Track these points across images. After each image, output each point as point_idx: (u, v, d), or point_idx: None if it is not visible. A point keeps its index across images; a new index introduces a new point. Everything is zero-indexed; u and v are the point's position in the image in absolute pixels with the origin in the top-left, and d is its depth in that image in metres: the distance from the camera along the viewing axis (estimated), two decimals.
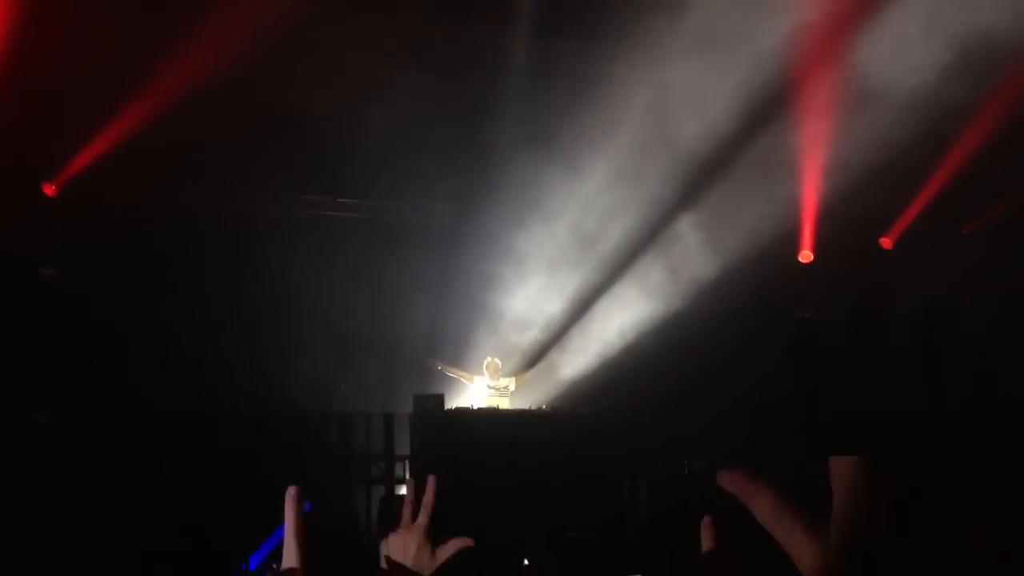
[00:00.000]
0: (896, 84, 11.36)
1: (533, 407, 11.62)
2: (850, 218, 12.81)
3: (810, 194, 12.84)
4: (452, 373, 11.83)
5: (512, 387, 11.92)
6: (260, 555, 9.45)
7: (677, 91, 12.02)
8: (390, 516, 8.31)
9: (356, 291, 12.27)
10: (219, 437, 10.88)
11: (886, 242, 13.50)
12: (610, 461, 11.07)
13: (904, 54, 11.11)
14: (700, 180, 12.60)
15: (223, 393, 11.29)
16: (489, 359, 11.94)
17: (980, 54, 10.78)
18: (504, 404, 11.73)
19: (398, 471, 11.58)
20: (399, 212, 13.22)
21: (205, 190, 12.37)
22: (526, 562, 8.50)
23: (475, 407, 11.43)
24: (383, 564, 2.39)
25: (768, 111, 12.24)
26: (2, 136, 10.98)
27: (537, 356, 12.55)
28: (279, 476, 10.65)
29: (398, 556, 2.35)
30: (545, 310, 12.66)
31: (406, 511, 2.38)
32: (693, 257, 12.72)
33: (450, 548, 2.34)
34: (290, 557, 2.05)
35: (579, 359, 12.56)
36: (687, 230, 12.79)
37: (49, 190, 11.82)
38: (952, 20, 10.93)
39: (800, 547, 1.62)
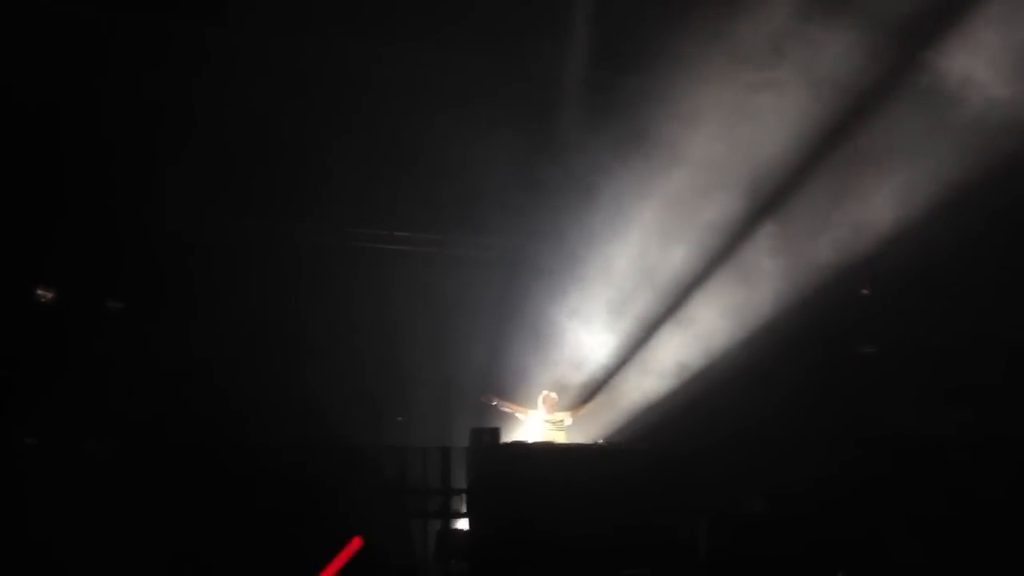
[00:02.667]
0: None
1: (590, 442, 11.49)
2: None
3: (870, 231, 12.66)
4: (508, 408, 11.75)
5: (569, 421, 11.81)
6: None
7: (739, 120, 11.97)
8: (447, 550, 8.22)
9: (413, 324, 12.29)
10: (275, 470, 10.87)
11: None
12: (669, 498, 10.89)
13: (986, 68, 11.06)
14: (762, 211, 12.48)
15: (279, 426, 11.32)
16: (545, 393, 11.86)
17: None
18: (561, 438, 11.62)
19: (455, 505, 11.48)
20: (457, 245, 13.22)
21: (265, 221, 12.44)
22: None
23: (531, 441, 11.32)
24: None
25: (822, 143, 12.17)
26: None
27: (594, 390, 12.43)
28: (335, 510, 10.65)
29: None
30: (603, 343, 12.55)
31: None
32: (756, 289, 12.56)
33: None
34: None
35: (637, 394, 12.41)
36: (749, 261, 12.64)
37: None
38: None
39: None
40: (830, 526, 11.32)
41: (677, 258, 12.75)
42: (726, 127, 12.28)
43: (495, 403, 11.74)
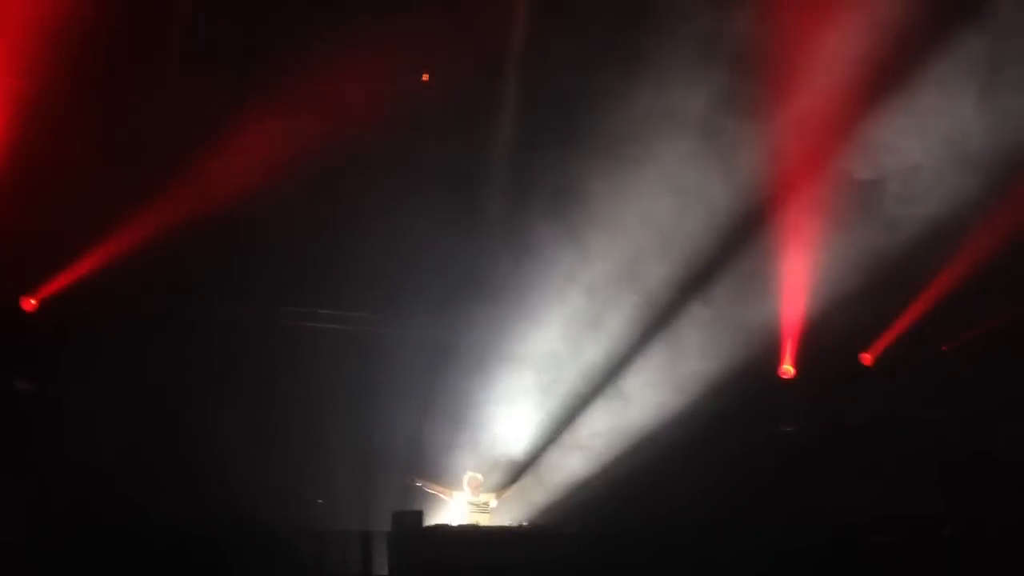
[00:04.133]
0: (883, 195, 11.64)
1: (515, 524, 11.35)
2: (832, 334, 12.85)
3: (791, 311, 12.88)
4: (432, 489, 11.57)
5: (494, 503, 11.67)
6: None
7: (661, 206, 12.16)
8: None
9: (335, 403, 12.11)
10: (187, 554, 10.55)
11: (866, 358, 13.50)
12: None
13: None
14: (686, 294, 12.63)
15: (191, 508, 11.01)
16: (470, 474, 11.72)
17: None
18: (485, 521, 11.46)
19: None
20: (381, 324, 13.11)
21: (184, 302, 12.25)
22: None
23: (455, 524, 11.15)
24: None
25: (750, 228, 12.40)
26: None
27: (518, 472, 12.32)
28: None
29: None
30: (529, 424, 12.49)
31: None
32: (677, 371, 12.64)
33: None
34: None
35: (563, 475, 12.34)
36: (670, 345, 12.74)
37: (28, 305, 11.67)
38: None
39: None
40: None
41: (604, 338, 12.81)
42: (650, 209, 12.47)
43: (419, 484, 11.58)
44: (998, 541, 11.54)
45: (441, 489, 11.62)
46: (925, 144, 11.87)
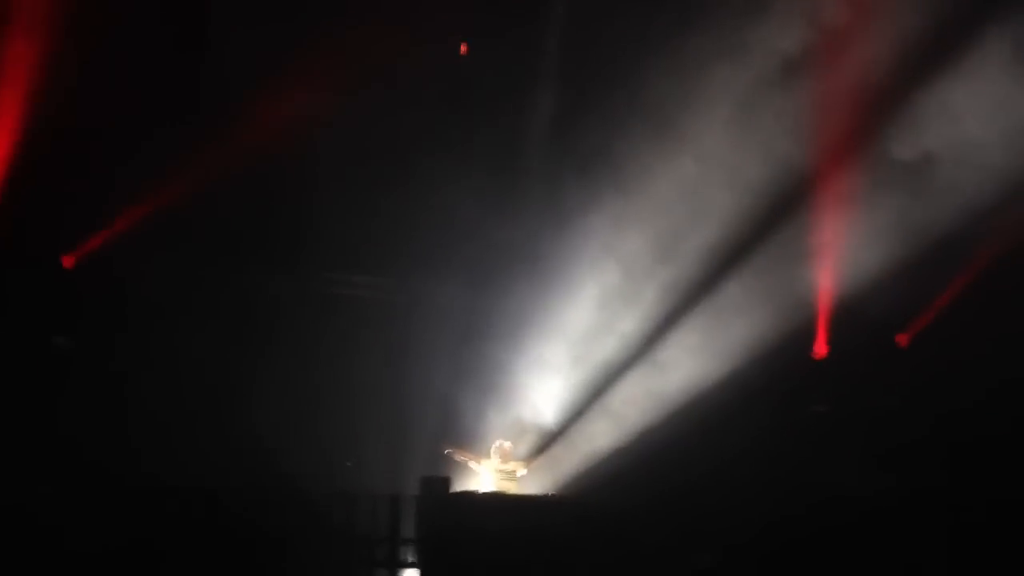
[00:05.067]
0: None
1: (541, 493, 11.44)
2: (868, 315, 12.78)
3: (826, 289, 12.83)
4: (461, 456, 11.69)
5: (522, 472, 11.76)
6: None
7: (699, 180, 12.15)
8: None
9: (367, 370, 12.26)
10: (224, 515, 10.75)
11: (902, 339, 13.43)
12: (618, 551, 10.85)
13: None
14: (721, 269, 12.61)
15: (228, 471, 11.20)
16: (499, 442, 11.82)
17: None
18: (512, 489, 11.56)
19: (403, 554, 11.35)
20: (415, 292, 13.22)
21: (219, 266, 12.40)
22: None
23: (481, 491, 11.26)
24: None
25: (788, 204, 12.35)
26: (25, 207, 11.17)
27: (548, 441, 12.41)
28: (281, 557, 10.53)
29: None
30: (558, 395, 12.56)
31: None
32: (710, 346, 12.64)
33: None
34: None
35: (590, 446, 12.40)
36: (705, 319, 12.74)
37: (67, 262, 11.89)
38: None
39: None
40: None
41: (636, 311, 12.83)
42: (685, 188, 12.47)
43: (449, 451, 11.70)
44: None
45: (471, 456, 11.73)
46: (969, 120, 11.75)
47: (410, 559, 11.10)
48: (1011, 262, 12.47)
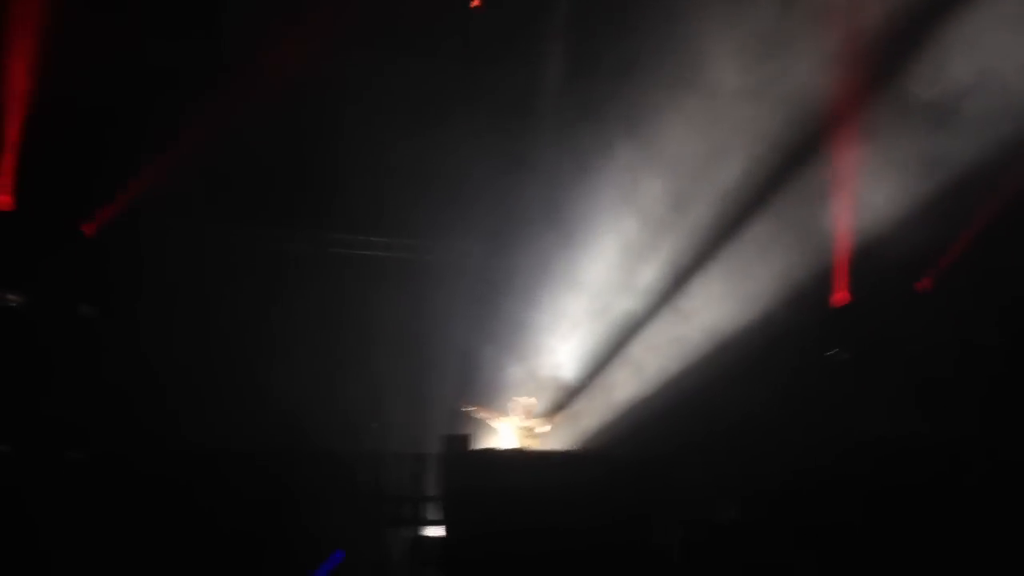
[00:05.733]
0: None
1: (564, 448, 11.50)
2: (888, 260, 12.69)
3: (845, 235, 12.74)
4: (483, 414, 11.74)
5: (544, 427, 11.81)
6: None
7: (713, 128, 12.03)
8: (421, 557, 8.22)
9: (388, 330, 12.31)
10: (250, 475, 10.91)
11: (923, 284, 13.33)
12: (642, 504, 10.89)
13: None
14: (739, 220, 12.54)
15: (253, 432, 11.34)
16: (521, 398, 11.85)
17: None
18: (535, 445, 11.61)
19: (428, 512, 11.49)
20: (432, 251, 13.23)
21: (240, 226, 12.45)
22: None
23: (503, 448, 11.33)
24: None
25: (805, 154, 12.23)
26: (42, 176, 11.23)
27: (570, 397, 12.44)
28: (310, 516, 10.68)
29: None
30: (579, 350, 12.58)
31: None
32: (727, 300, 12.60)
33: None
34: None
35: (613, 400, 12.43)
36: (721, 273, 12.69)
37: (88, 230, 11.97)
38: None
39: None
40: (805, 531, 11.38)
41: (653, 264, 12.80)
42: (701, 134, 12.35)
43: (469, 410, 11.75)
44: None
45: (492, 414, 11.79)
46: (987, 63, 11.55)
47: (433, 516, 11.23)
48: None
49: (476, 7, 13.05)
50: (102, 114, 11.55)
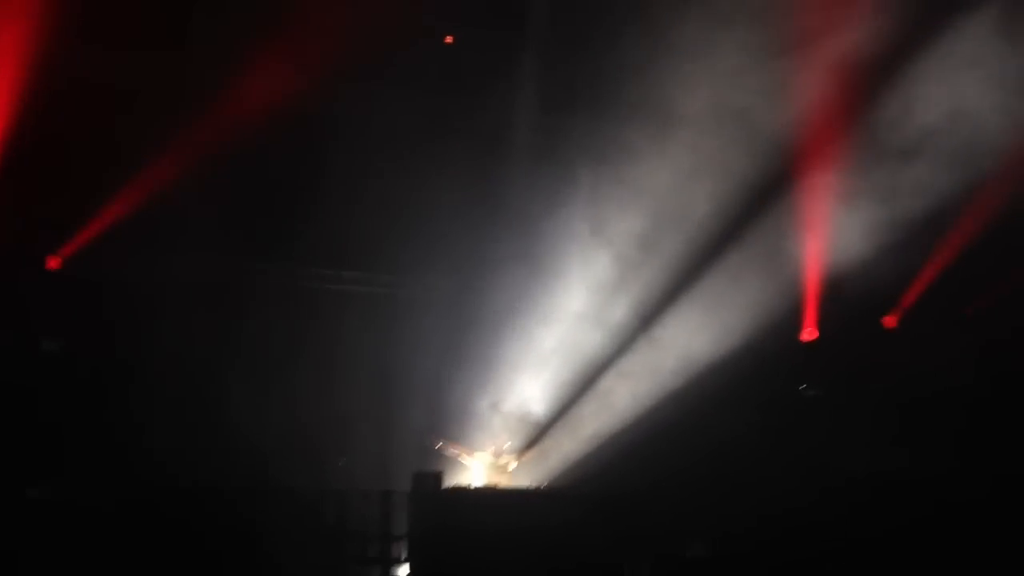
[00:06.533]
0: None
1: (533, 486, 11.44)
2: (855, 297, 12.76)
3: (813, 274, 12.80)
4: (452, 451, 11.67)
5: (513, 465, 11.75)
6: None
7: (686, 167, 12.09)
8: None
9: (358, 365, 12.23)
10: (213, 514, 10.75)
11: (890, 321, 13.42)
12: (611, 541, 10.85)
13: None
14: (704, 260, 12.58)
15: (219, 469, 11.19)
16: (490, 435, 11.79)
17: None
18: (504, 482, 11.55)
19: (395, 550, 11.36)
20: (404, 286, 13.18)
21: (207, 263, 12.34)
22: None
23: (473, 486, 11.25)
24: None
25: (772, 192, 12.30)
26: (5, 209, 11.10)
27: (540, 433, 12.39)
28: (273, 556, 10.53)
29: None
30: (549, 386, 12.54)
31: None
32: (697, 335, 12.61)
33: None
34: None
35: (582, 436, 12.39)
36: (690, 309, 12.71)
37: (53, 263, 11.83)
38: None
39: None
40: (774, 568, 11.37)
41: (624, 302, 12.80)
42: (671, 168, 12.40)
43: (438, 446, 11.68)
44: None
45: (462, 450, 11.72)
46: (952, 105, 11.70)
47: (403, 555, 11.12)
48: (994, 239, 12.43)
49: (451, 43, 13.12)
50: (68, 145, 11.45)
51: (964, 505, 11.58)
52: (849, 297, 12.73)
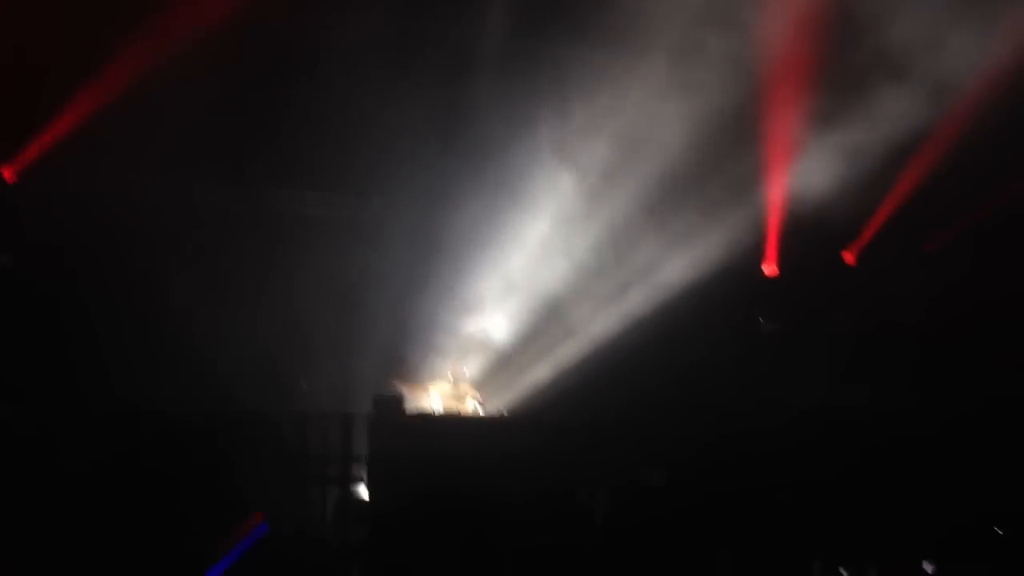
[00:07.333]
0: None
1: (494, 413, 11.49)
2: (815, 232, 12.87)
3: (775, 208, 12.88)
4: (411, 387, 11.58)
5: (473, 393, 11.77)
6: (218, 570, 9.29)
7: (645, 103, 12.05)
8: (346, 516, 8.14)
9: (319, 289, 12.14)
10: (174, 436, 10.69)
11: (849, 256, 13.55)
12: (568, 469, 10.96)
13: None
14: (669, 192, 12.61)
15: (178, 392, 11.09)
16: (452, 362, 11.80)
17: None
18: (465, 410, 11.58)
19: (355, 471, 11.39)
20: (367, 209, 13.05)
21: (167, 180, 12.11)
22: None
23: (435, 411, 11.27)
24: None
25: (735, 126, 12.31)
26: None
27: (500, 361, 12.43)
28: (234, 478, 10.52)
29: None
30: (512, 315, 12.56)
31: None
32: (660, 266, 12.67)
33: None
34: None
35: (544, 365, 12.45)
36: (655, 240, 12.75)
37: (7, 174, 11.53)
38: None
39: None
40: (728, 497, 11.55)
41: (589, 230, 12.81)
42: (639, 100, 12.36)
43: (397, 384, 11.59)
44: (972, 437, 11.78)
45: (418, 386, 11.64)
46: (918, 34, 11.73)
47: (362, 475, 11.15)
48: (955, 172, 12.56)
49: None
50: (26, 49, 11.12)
51: (918, 440, 11.83)
52: (809, 231, 12.84)
